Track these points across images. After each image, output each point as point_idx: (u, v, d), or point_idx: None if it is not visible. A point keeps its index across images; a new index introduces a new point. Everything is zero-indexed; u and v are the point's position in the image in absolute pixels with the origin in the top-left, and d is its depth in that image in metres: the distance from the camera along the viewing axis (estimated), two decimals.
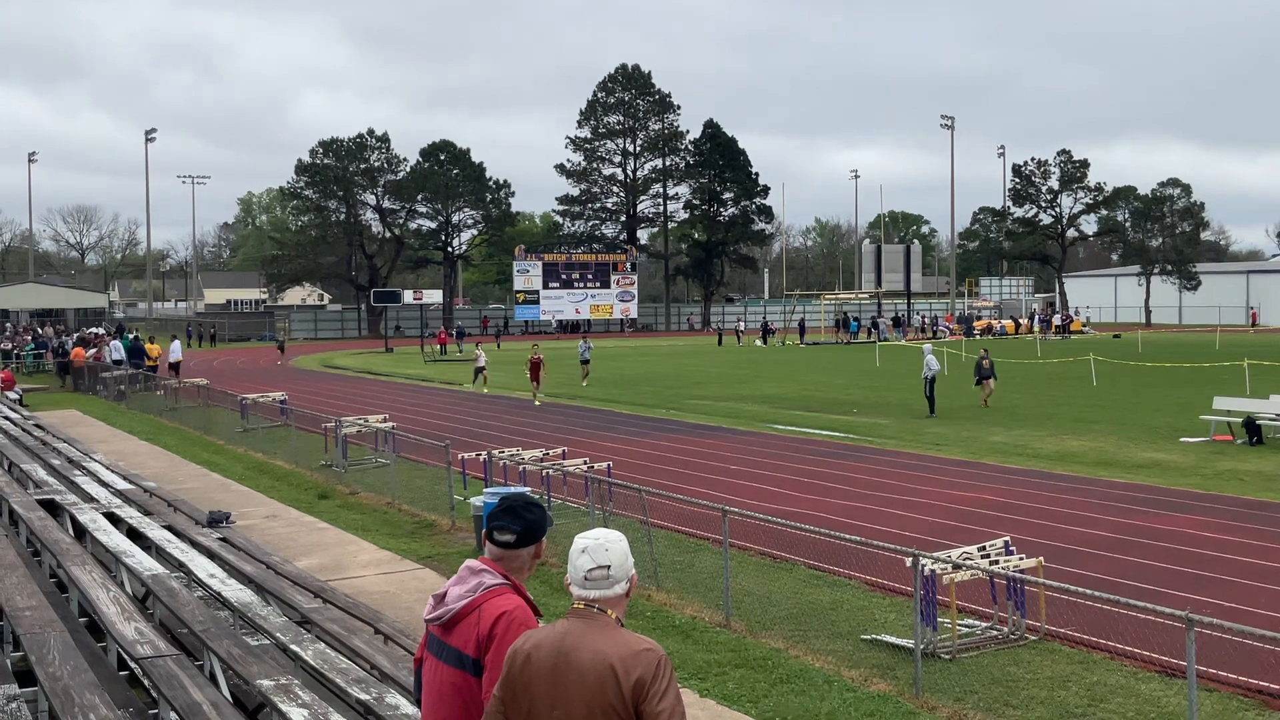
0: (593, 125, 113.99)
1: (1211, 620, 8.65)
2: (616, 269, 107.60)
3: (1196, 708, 8.10)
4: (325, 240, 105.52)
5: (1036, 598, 11.72)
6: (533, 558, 4.50)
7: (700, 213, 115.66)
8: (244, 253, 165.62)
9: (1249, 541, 15.70)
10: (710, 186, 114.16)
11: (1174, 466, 22.71)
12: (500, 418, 33.83)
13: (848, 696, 9.84)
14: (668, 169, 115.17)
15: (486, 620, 4.30)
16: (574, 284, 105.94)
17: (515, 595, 4.39)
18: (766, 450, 25.68)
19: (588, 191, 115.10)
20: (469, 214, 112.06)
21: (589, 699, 3.91)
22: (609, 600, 4.09)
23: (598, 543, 4.13)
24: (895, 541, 13.93)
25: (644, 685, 3.89)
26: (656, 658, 3.94)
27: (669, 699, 3.89)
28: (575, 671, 3.95)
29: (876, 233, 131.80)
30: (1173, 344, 70.35)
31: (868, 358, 59.74)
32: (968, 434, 28.15)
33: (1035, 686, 10.14)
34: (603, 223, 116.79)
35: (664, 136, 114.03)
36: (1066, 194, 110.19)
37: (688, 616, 12.38)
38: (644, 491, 14.68)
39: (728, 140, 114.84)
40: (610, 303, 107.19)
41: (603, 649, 3.94)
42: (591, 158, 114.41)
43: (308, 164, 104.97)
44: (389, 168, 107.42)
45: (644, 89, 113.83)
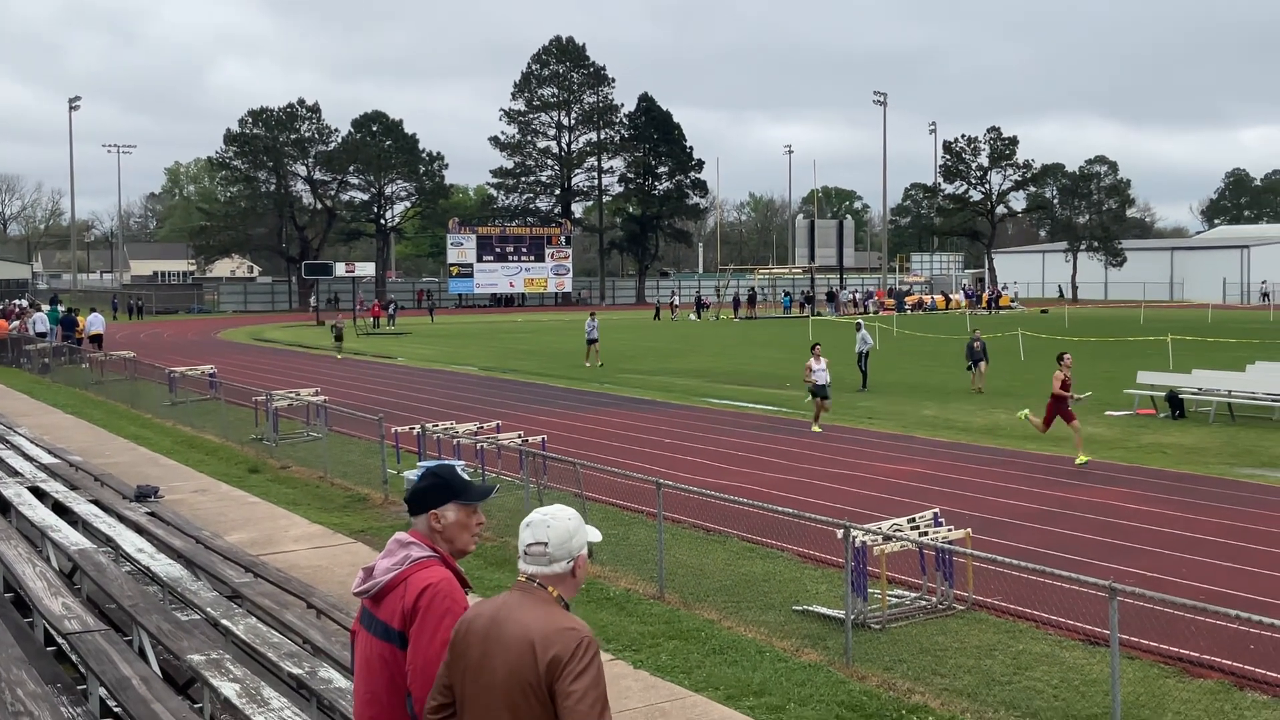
0: (527, 98, 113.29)
1: (1134, 590, 8.84)
2: (551, 242, 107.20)
3: (1119, 675, 8.28)
4: (255, 211, 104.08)
5: (964, 568, 11.89)
6: (460, 528, 4.46)
7: (635, 186, 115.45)
8: (171, 224, 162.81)
9: (1171, 513, 16.05)
10: (645, 160, 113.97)
11: (1099, 439, 23.12)
12: (435, 391, 33.67)
13: (779, 666, 9.94)
14: (602, 142, 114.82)
15: (412, 593, 4.28)
16: (508, 257, 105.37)
17: (442, 568, 4.37)
18: (701, 424, 25.80)
19: (522, 164, 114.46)
20: (402, 186, 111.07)
21: (509, 672, 3.90)
22: (548, 577, 4.05)
23: (542, 519, 4.11)
24: (827, 514, 14.06)
25: (559, 664, 3.82)
26: (578, 638, 3.87)
27: (584, 681, 3.81)
28: (500, 644, 3.94)
29: (810, 208, 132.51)
30: (1098, 319, 71.50)
31: (801, 332, 60.11)
32: (898, 408, 28.47)
33: (962, 655, 10.31)
34: (537, 196, 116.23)
35: (598, 110, 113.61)
36: (996, 171, 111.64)
37: (622, 589, 12.43)
38: (579, 465, 14.70)
39: (662, 114, 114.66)
40: (545, 276, 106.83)
41: (528, 624, 3.92)
42: (526, 130, 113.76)
43: (236, 134, 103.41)
44: (320, 138, 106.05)
45: (578, 62, 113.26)
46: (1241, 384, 27.46)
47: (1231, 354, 39.22)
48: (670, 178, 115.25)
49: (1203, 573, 12.84)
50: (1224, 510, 16.17)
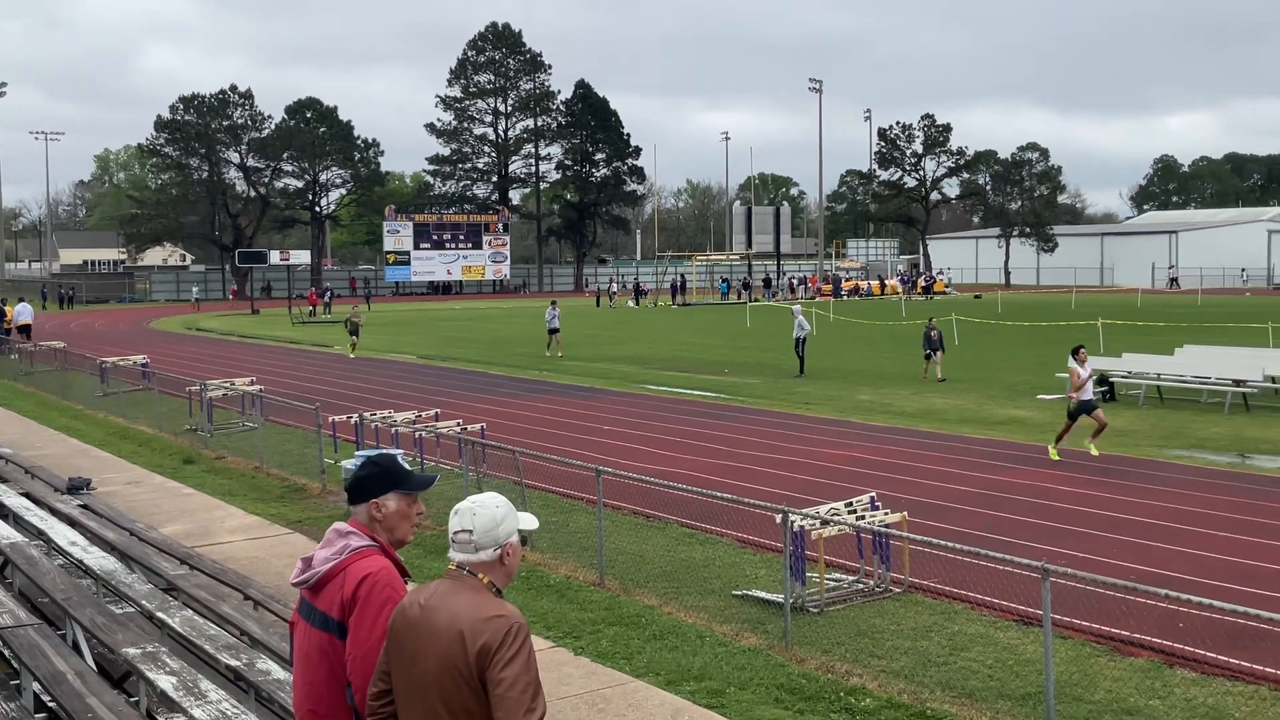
0: (463, 84, 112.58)
1: (1066, 570, 8.99)
2: (488, 230, 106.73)
3: (1052, 655, 8.41)
4: (187, 199, 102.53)
5: (901, 551, 12.02)
6: (400, 517, 4.44)
7: (572, 173, 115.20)
8: (101, 212, 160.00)
9: (1102, 495, 16.31)
10: (582, 147, 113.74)
11: (1031, 423, 23.45)
12: (372, 380, 33.44)
13: (719, 651, 10.00)
14: (539, 129, 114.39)
15: (351, 582, 4.26)
16: (445, 245, 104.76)
17: (382, 557, 4.35)
18: (640, 410, 25.84)
19: (459, 151, 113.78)
20: (337, 173, 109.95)
21: (441, 660, 3.89)
22: (477, 564, 4.03)
23: (469, 506, 4.09)
24: (766, 499, 14.15)
25: (489, 652, 3.81)
26: (507, 625, 3.85)
27: (514, 668, 3.80)
28: (431, 632, 3.93)
29: (747, 194, 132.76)
30: (1031, 304, 72.42)
31: (739, 318, 60.36)
32: (835, 393, 28.68)
33: (899, 637, 10.43)
34: (474, 183, 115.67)
35: (535, 96, 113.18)
36: (930, 157, 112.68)
37: (562, 576, 12.44)
38: (517, 453, 14.69)
39: (599, 101, 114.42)
40: (482, 264, 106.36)
41: (458, 612, 3.91)
42: (462, 117, 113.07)
43: (167, 120, 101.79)
44: (253, 125, 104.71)
45: (515, 48, 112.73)
46: (1170, 367, 27.95)
47: (1160, 338, 39.90)
48: (608, 164, 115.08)
49: (1133, 553, 13.07)
50: (1153, 492, 16.46)
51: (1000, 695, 9.04)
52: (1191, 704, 8.82)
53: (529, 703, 3.80)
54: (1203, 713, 8.66)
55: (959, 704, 8.83)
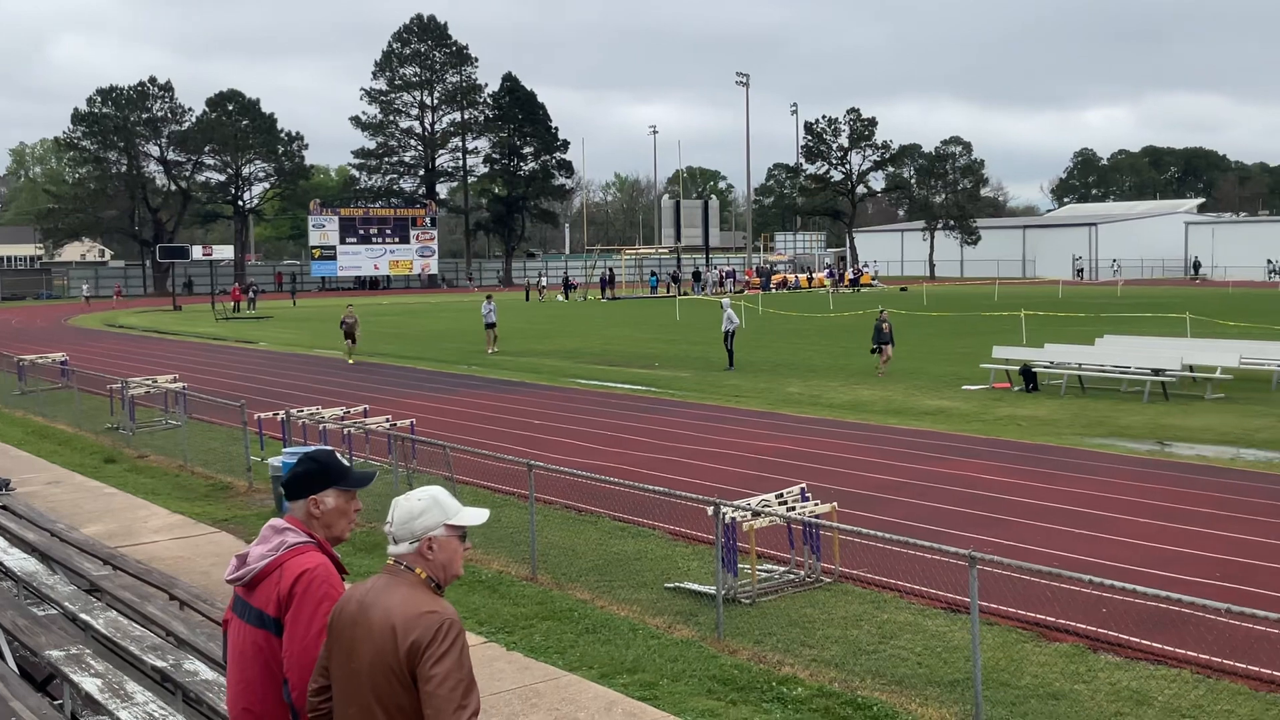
0: (388, 77, 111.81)
1: (992, 558, 9.11)
2: (416, 224, 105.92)
3: (980, 641, 8.53)
4: (105, 193, 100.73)
5: (831, 541, 12.12)
6: (338, 514, 4.40)
7: (500, 167, 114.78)
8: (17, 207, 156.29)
9: (1026, 483, 16.56)
10: (510, 141, 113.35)
11: (957, 413, 23.75)
12: (299, 376, 33.08)
13: (652, 644, 10.03)
14: (466, 122, 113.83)
15: (287, 579, 4.22)
16: (372, 239, 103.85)
17: (318, 553, 4.31)
18: (570, 405, 25.81)
19: (385, 145, 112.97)
20: (260, 166, 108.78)
21: (374, 656, 3.87)
22: (410, 558, 4.01)
23: (396, 500, 4.09)
24: (697, 491, 14.21)
25: (419, 648, 3.78)
26: (439, 621, 3.82)
27: (445, 664, 3.78)
28: (366, 628, 3.91)
29: (675, 188, 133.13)
30: (955, 296, 73.34)
31: (668, 312, 60.49)
32: (765, 385, 28.85)
33: (830, 626, 10.52)
34: (401, 176, 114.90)
35: (462, 89, 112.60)
36: (856, 151, 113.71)
37: (494, 571, 12.40)
38: (448, 448, 14.62)
39: (527, 94, 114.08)
40: (410, 258, 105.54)
41: (391, 608, 3.88)
42: (388, 110, 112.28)
43: (85, 113, 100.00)
44: (173, 118, 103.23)
45: (440, 40, 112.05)
46: (1091, 357, 28.43)
47: (1081, 328, 40.60)
48: (535, 158, 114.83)
49: (1057, 540, 13.28)
50: (1076, 479, 16.73)
51: (929, 682, 9.15)
52: (1116, 687, 8.98)
53: (460, 699, 3.77)
54: (1126, 696, 8.82)
55: (889, 691, 8.93)
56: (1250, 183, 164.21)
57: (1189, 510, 14.67)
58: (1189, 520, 14.15)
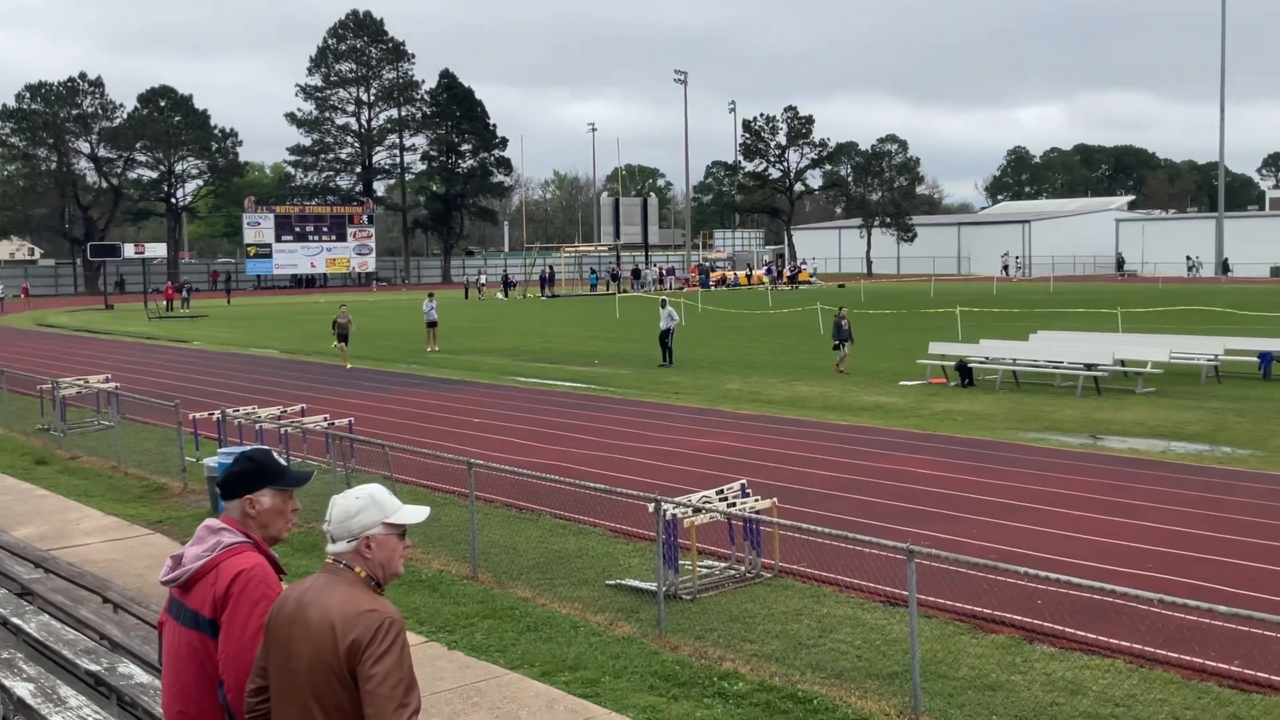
0: (324, 73, 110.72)
1: (930, 551, 9.21)
2: (353, 221, 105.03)
3: (918, 634, 8.63)
4: (34, 191, 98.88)
5: (771, 537, 12.18)
6: (275, 514, 4.37)
7: (438, 165, 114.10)
8: None
9: (963, 477, 16.75)
10: (448, 138, 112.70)
11: (894, 409, 23.97)
12: (235, 376, 32.71)
13: (594, 640, 10.03)
14: (404, 119, 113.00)
15: (224, 580, 4.18)
16: (308, 237, 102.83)
17: (255, 553, 4.27)
18: (510, 403, 25.74)
19: (321, 142, 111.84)
20: (193, 163, 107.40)
21: (312, 656, 3.84)
22: (349, 556, 3.98)
23: (337, 498, 4.06)
24: (638, 489, 14.25)
25: (359, 647, 3.75)
26: (379, 620, 3.79)
27: (385, 663, 3.74)
28: (304, 626, 3.87)
29: (614, 186, 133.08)
30: (892, 293, 73.98)
31: (608, 309, 60.47)
32: (705, 382, 28.94)
33: (770, 621, 10.58)
34: (337, 174, 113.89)
35: (399, 86, 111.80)
36: (794, 149, 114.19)
37: (435, 570, 12.34)
38: (387, 447, 14.53)
39: (464, 91, 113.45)
40: (347, 256, 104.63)
41: (330, 607, 3.85)
42: (324, 107, 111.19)
43: (13, 109, 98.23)
44: (104, 114, 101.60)
45: (376, 36, 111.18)
46: (1025, 352, 28.81)
47: (1016, 324, 41.10)
48: (474, 155, 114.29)
49: (994, 533, 13.45)
50: (1011, 473, 16.96)
51: (868, 674, 9.23)
52: (1051, 678, 9.11)
53: (401, 698, 3.75)
54: (1061, 686, 8.95)
55: (829, 685, 8.99)
56: (1179, 180, 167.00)
57: (1122, 503, 14.91)
58: (1122, 512, 14.38)
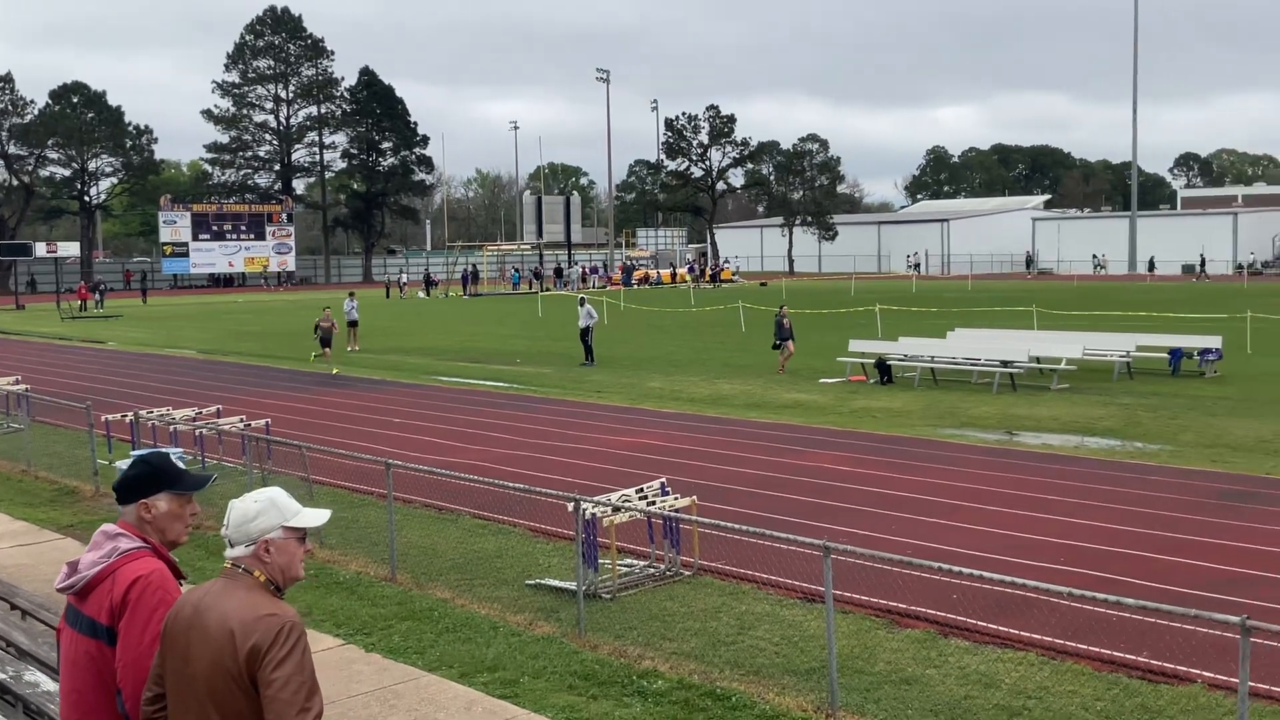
0: (241, 70, 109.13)
1: (846, 547, 9.28)
2: (272, 220, 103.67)
3: (834, 629, 8.69)
4: None
5: (691, 535, 12.21)
6: (172, 518, 4.29)
7: (359, 162, 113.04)
8: None
9: (881, 473, 16.93)
10: (368, 136, 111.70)
11: (815, 406, 24.16)
12: (151, 377, 32.14)
13: (513, 641, 9.99)
14: (323, 117, 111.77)
15: (120, 586, 4.11)
16: (226, 236, 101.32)
17: (153, 559, 4.20)
18: (431, 402, 25.58)
19: (238, 139, 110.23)
20: (107, 161, 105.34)
21: (211, 661, 3.78)
22: (248, 561, 3.93)
23: (235, 502, 4.01)
24: (558, 488, 14.22)
25: (259, 652, 3.71)
26: (279, 624, 3.75)
27: (286, 668, 3.69)
28: (202, 631, 3.81)
29: (537, 184, 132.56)
30: (813, 291, 74.55)
31: (531, 308, 60.31)
32: (627, 381, 28.96)
33: (690, 619, 10.60)
34: (256, 172, 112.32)
35: (318, 83, 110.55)
36: (716, 148, 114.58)
37: (353, 572, 12.21)
38: (304, 448, 14.36)
39: (385, 88, 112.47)
40: (266, 255, 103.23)
41: (228, 612, 3.80)
42: (241, 104, 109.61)
43: None
44: (14, 110, 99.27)
45: (295, 33, 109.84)
46: (942, 350, 29.18)
47: (933, 322, 41.65)
48: (395, 154, 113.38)
49: (910, 529, 13.61)
50: (929, 469, 17.17)
51: (786, 671, 9.29)
52: (965, 671, 9.24)
53: (303, 702, 3.70)
54: (975, 679, 9.08)
55: (747, 681, 9.04)
56: (1094, 179, 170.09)
57: (1035, 497, 15.16)
58: (1035, 507, 14.62)
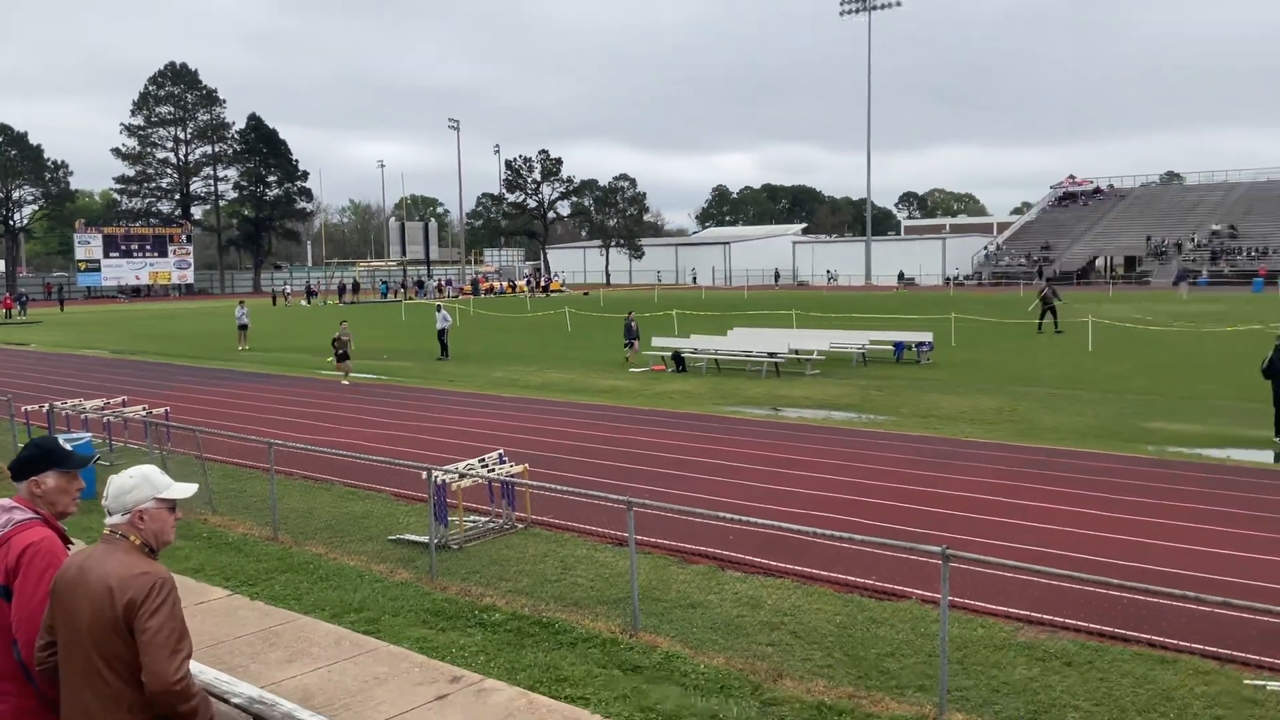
0: (146, 115, 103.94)
1: (646, 502, 9.33)
2: (173, 241, 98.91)
3: (636, 566, 8.75)
4: None
5: (524, 495, 12.14)
6: (59, 492, 4.10)
7: (248, 193, 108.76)
8: None
9: (677, 443, 17.09)
10: (256, 170, 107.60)
11: (625, 390, 24.26)
12: (68, 373, 30.27)
13: (376, 586, 9.74)
14: (217, 155, 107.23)
15: (14, 552, 3.91)
16: (133, 254, 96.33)
17: (44, 528, 4.00)
18: (310, 392, 24.77)
19: (144, 173, 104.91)
20: (29, 191, 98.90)
21: (93, 614, 3.65)
22: (124, 527, 3.80)
23: (113, 477, 3.87)
24: (415, 460, 13.94)
25: (135, 605, 3.60)
26: (151, 580, 3.64)
27: (158, 618, 3.59)
28: (84, 589, 3.68)
29: (401, 212, 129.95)
30: (625, 299, 74.94)
31: (396, 314, 59.02)
32: (474, 372, 28.60)
33: (522, 563, 10.52)
34: (159, 200, 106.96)
35: (212, 126, 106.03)
36: (547, 184, 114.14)
37: (240, 534, 11.73)
38: (198, 431, 13.72)
39: (270, 131, 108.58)
40: (169, 269, 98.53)
41: (108, 571, 3.67)
42: (146, 143, 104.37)
43: None
44: None
45: (191, 84, 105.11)
46: (724, 345, 29.69)
47: (718, 323, 42.32)
48: (279, 185, 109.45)
49: (698, 486, 13.76)
50: (714, 438, 17.41)
51: (599, 601, 9.30)
52: (738, 596, 9.40)
53: (174, 645, 3.61)
54: (746, 602, 9.24)
55: (568, 611, 9.01)
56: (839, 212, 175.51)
57: (794, 459, 15.53)
58: (793, 466, 14.97)
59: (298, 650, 8.02)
